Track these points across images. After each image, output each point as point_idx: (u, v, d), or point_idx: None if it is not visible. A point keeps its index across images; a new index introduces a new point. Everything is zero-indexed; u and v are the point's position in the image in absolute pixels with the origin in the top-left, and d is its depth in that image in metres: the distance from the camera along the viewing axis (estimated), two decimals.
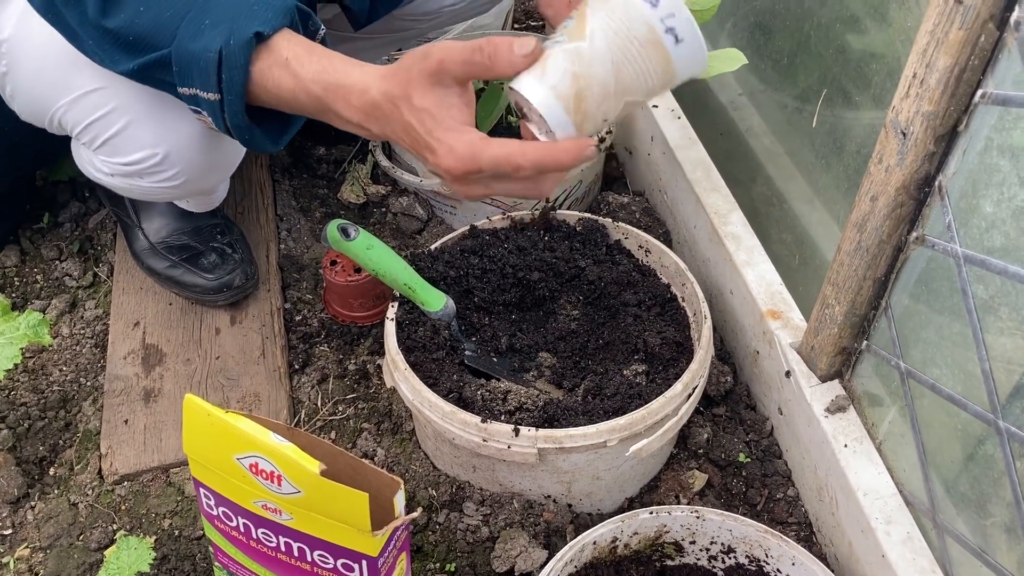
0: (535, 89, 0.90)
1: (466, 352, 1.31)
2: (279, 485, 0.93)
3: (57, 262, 1.67)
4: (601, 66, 0.88)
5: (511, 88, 0.92)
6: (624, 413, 1.16)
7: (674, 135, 1.59)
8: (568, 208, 1.67)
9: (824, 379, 1.22)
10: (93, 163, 1.32)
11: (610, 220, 1.44)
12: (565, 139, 0.90)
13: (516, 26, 2.23)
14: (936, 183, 0.95)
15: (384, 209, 1.75)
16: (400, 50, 1.93)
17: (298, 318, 1.56)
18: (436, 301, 1.28)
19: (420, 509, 1.15)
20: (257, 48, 0.95)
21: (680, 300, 1.38)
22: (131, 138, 1.22)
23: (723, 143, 1.67)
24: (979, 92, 0.86)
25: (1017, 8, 0.79)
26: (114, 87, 1.15)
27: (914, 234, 1.00)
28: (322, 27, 1.05)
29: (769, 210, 1.55)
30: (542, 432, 1.13)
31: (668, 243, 1.62)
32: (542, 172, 0.90)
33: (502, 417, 1.20)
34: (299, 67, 0.96)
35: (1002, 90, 0.83)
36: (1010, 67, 0.82)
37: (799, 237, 1.47)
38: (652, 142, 1.66)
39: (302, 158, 1.83)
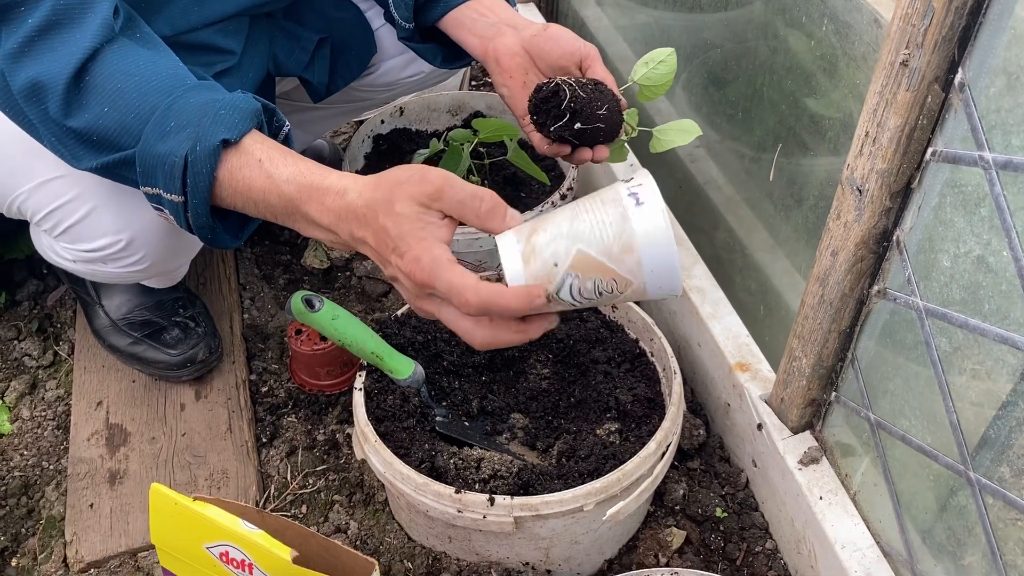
0: (506, 233, 0.92)
1: (437, 418, 1.30)
2: (251, 573, 0.91)
3: (15, 342, 1.63)
4: (561, 213, 0.90)
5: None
6: (599, 474, 1.15)
7: None
8: None
9: (796, 431, 1.22)
10: (54, 249, 1.30)
11: None
12: (515, 284, 0.89)
13: (473, 83, 2.26)
14: (894, 238, 0.96)
15: (348, 273, 1.74)
16: (358, 120, 1.94)
17: (264, 389, 1.54)
18: (404, 368, 1.27)
19: None
20: (226, 151, 0.95)
21: (649, 355, 1.38)
22: (94, 225, 1.21)
23: (682, 195, 1.69)
24: (930, 150, 0.88)
25: (960, 70, 0.81)
26: (76, 175, 1.13)
27: (875, 288, 1.02)
28: (287, 123, 1.05)
29: (732, 259, 1.57)
30: (517, 500, 1.12)
31: None
32: (486, 312, 0.89)
33: (476, 486, 1.18)
34: (272, 167, 0.95)
35: (951, 148, 0.85)
36: (957, 126, 0.84)
37: (763, 286, 1.48)
38: None
39: (264, 225, 1.82)
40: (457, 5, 1.30)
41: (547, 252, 0.88)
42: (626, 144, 1.35)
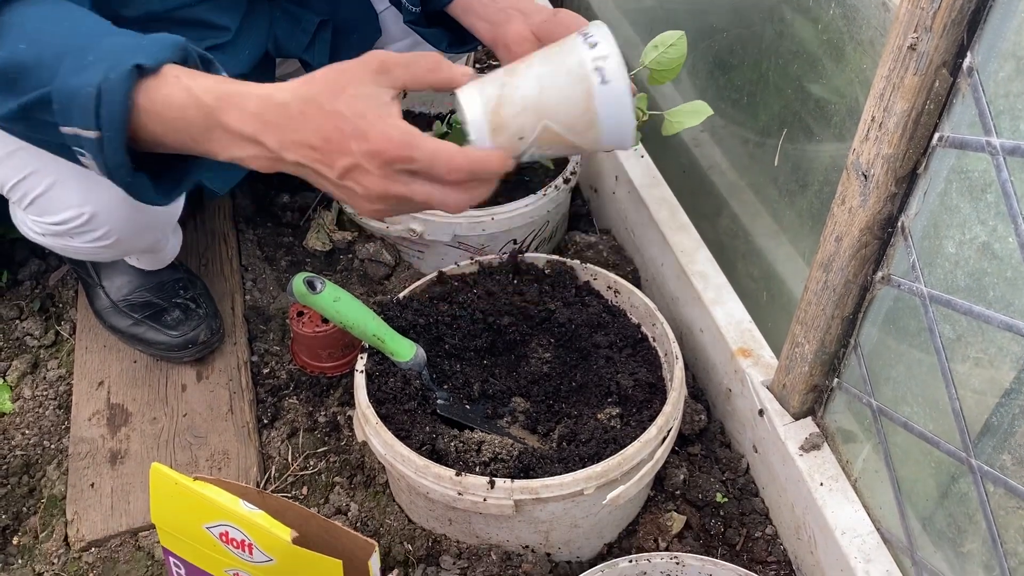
0: (469, 91, 0.91)
1: (438, 401, 1.30)
2: (250, 554, 0.91)
3: (17, 321, 1.63)
4: (526, 81, 0.90)
5: (453, 93, 0.93)
6: (599, 459, 1.15)
7: (638, 174, 1.60)
8: (535, 248, 1.67)
9: (797, 417, 1.22)
10: (26, 223, 1.29)
11: (579, 262, 1.44)
12: (483, 147, 0.90)
13: (477, 65, 2.24)
14: (899, 224, 0.95)
15: (351, 255, 1.74)
16: None
17: (266, 371, 1.54)
18: (406, 351, 1.27)
19: (396, 570, 1.13)
20: (143, 78, 0.89)
21: (651, 340, 1.38)
22: (56, 198, 1.20)
23: (686, 180, 1.68)
24: (936, 135, 0.87)
25: (968, 54, 0.80)
26: (35, 147, 1.10)
27: (879, 274, 1.01)
28: (223, 72, 0.98)
29: (735, 244, 1.56)
30: (518, 483, 1.12)
31: (636, 281, 1.63)
32: (474, 177, 0.88)
33: (477, 469, 1.18)
34: (191, 80, 0.89)
35: (958, 134, 0.84)
36: (965, 111, 0.83)
37: (766, 272, 1.48)
38: (617, 181, 1.66)
39: (266, 206, 1.82)
40: None
41: (514, 126, 0.89)
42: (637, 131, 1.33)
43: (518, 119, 0.89)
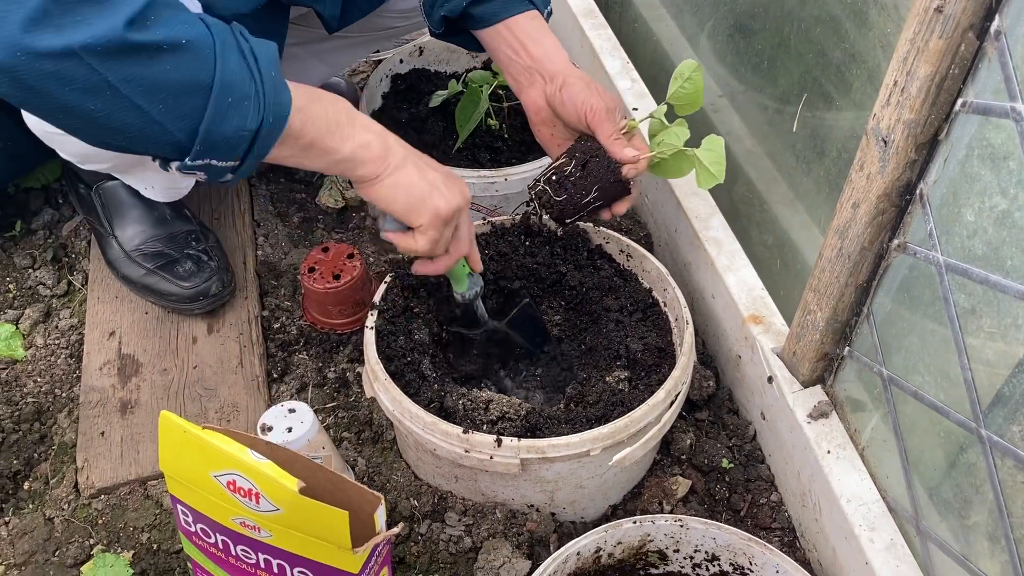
0: None
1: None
2: (257, 503, 0.92)
3: (30, 270, 1.64)
4: None
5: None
6: (607, 421, 1.15)
7: None
8: None
9: (806, 385, 1.22)
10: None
11: (591, 225, 1.43)
12: None
13: None
14: (918, 191, 0.94)
15: (363, 214, 1.73)
16: (377, 52, 1.91)
17: (276, 326, 1.54)
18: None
19: (402, 523, 1.14)
20: None
21: (662, 305, 1.37)
22: None
23: None
24: (960, 101, 0.86)
25: (996, 18, 0.79)
26: None
27: (895, 241, 1.00)
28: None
29: (750, 211, 1.55)
30: (524, 442, 1.12)
31: (649, 247, 1.62)
32: None
33: (484, 427, 1.18)
34: None
35: (982, 99, 0.83)
36: (990, 76, 0.81)
37: (780, 240, 1.46)
38: None
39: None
40: (491, 24, 1.30)
41: None
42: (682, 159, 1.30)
43: None
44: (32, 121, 1.24)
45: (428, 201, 1.10)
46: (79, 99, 0.86)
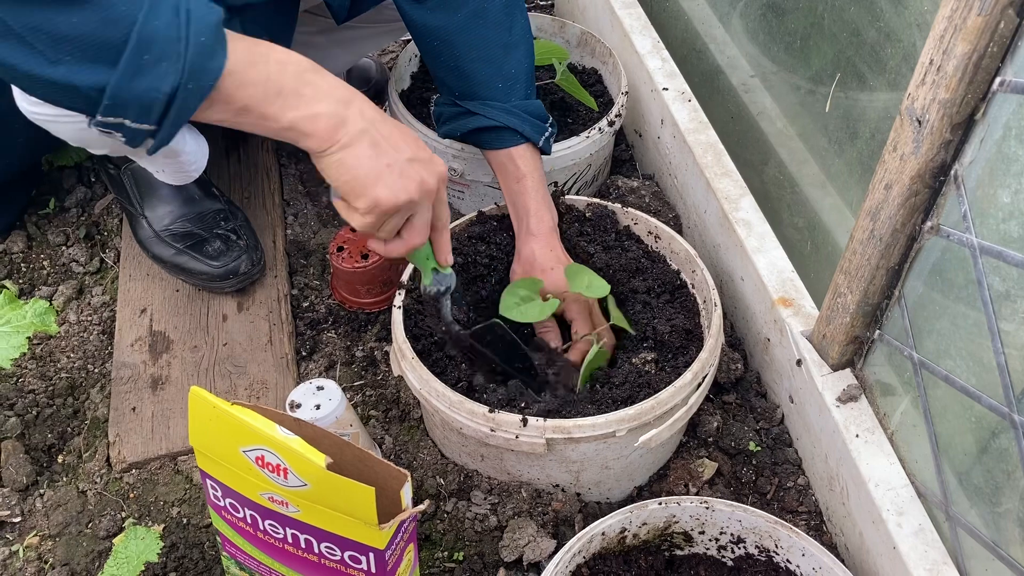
0: None
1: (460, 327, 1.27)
2: (285, 478, 0.93)
3: (64, 248, 1.66)
4: None
5: None
6: (633, 402, 1.15)
7: (684, 118, 1.57)
8: (577, 192, 1.65)
9: (836, 368, 1.21)
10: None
11: (619, 206, 1.42)
12: None
13: None
14: (952, 172, 0.93)
15: None
16: (405, 38, 1.90)
17: (305, 304, 1.55)
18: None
19: (428, 501, 1.14)
20: None
21: (690, 287, 1.36)
22: None
23: (734, 126, 1.65)
24: (997, 80, 0.84)
25: None
26: None
27: (928, 223, 0.99)
28: None
29: (781, 194, 1.53)
30: (550, 422, 1.12)
31: (678, 228, 1.61)
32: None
33: (510, 407, 1.19)
34: None
35: (1022, 78, 0.81)
36: None
37: (811, 222, 1.45)
38: (662, 125, 1.64)
39: None
40: (492, 149, 1.36)
41: None
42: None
43: None
44: (21, 102, 1.20)
45: (370, 189, 1.02)
46: None
